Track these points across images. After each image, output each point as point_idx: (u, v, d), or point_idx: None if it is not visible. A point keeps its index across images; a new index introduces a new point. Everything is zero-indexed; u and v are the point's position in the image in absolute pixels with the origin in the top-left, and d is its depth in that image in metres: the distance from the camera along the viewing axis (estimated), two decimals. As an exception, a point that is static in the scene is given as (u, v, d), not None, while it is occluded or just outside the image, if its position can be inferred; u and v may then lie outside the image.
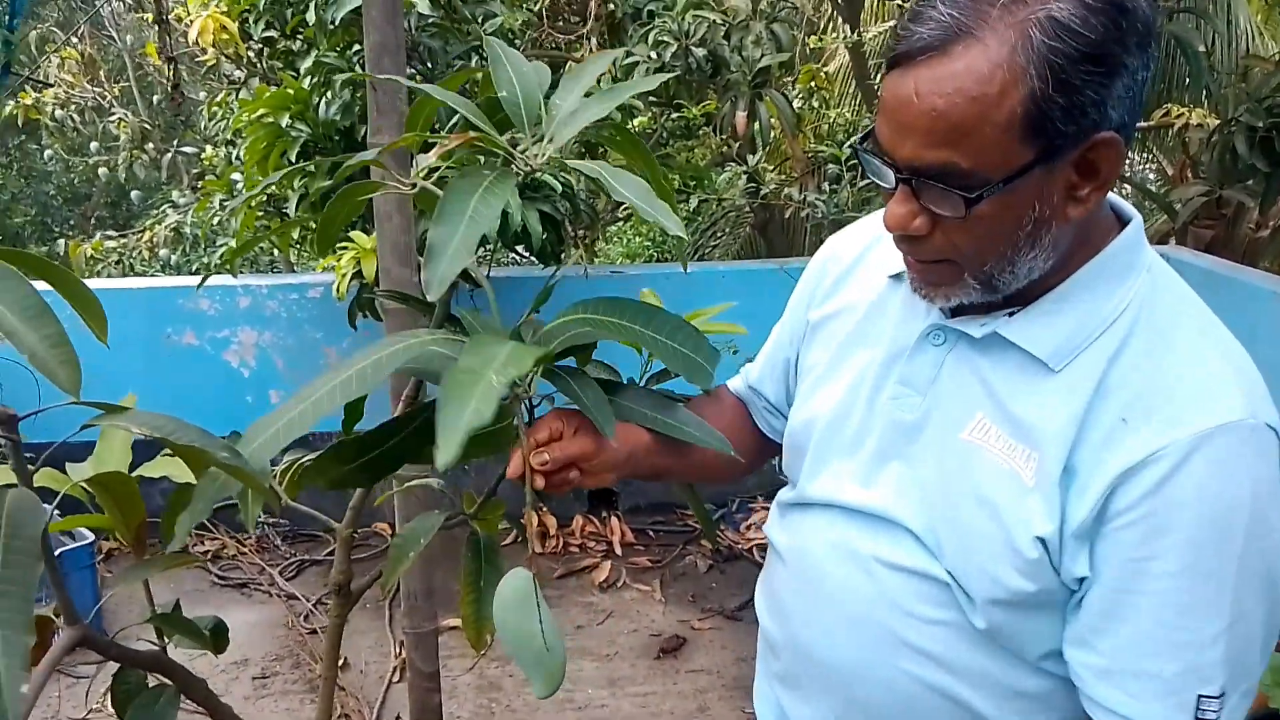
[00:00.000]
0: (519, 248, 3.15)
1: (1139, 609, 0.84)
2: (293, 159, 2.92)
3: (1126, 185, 6.14)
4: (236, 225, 3.51)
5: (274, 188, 3.23)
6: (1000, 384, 0.91)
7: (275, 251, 3.99)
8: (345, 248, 2.81)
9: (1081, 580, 0.86)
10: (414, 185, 0.99)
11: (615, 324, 1.12)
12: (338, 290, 2.83)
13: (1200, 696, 0.83)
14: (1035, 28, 0.76)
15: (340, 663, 3.06)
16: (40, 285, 0.76)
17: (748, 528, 3.92)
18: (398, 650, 3.06)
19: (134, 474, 1.80)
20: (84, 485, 1.03)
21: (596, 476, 1.01)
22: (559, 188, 2.73)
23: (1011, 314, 0.90)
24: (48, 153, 7.17)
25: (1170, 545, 0.82)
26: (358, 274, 2.79)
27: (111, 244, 5.75)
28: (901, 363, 0.98)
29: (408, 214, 1.96)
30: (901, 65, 0.81)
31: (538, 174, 1.02)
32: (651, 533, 3.94)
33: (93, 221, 9.87)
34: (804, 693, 1.07)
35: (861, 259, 1.09)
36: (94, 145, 6.84)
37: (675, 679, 2.97)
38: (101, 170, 6.50)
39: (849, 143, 0.76)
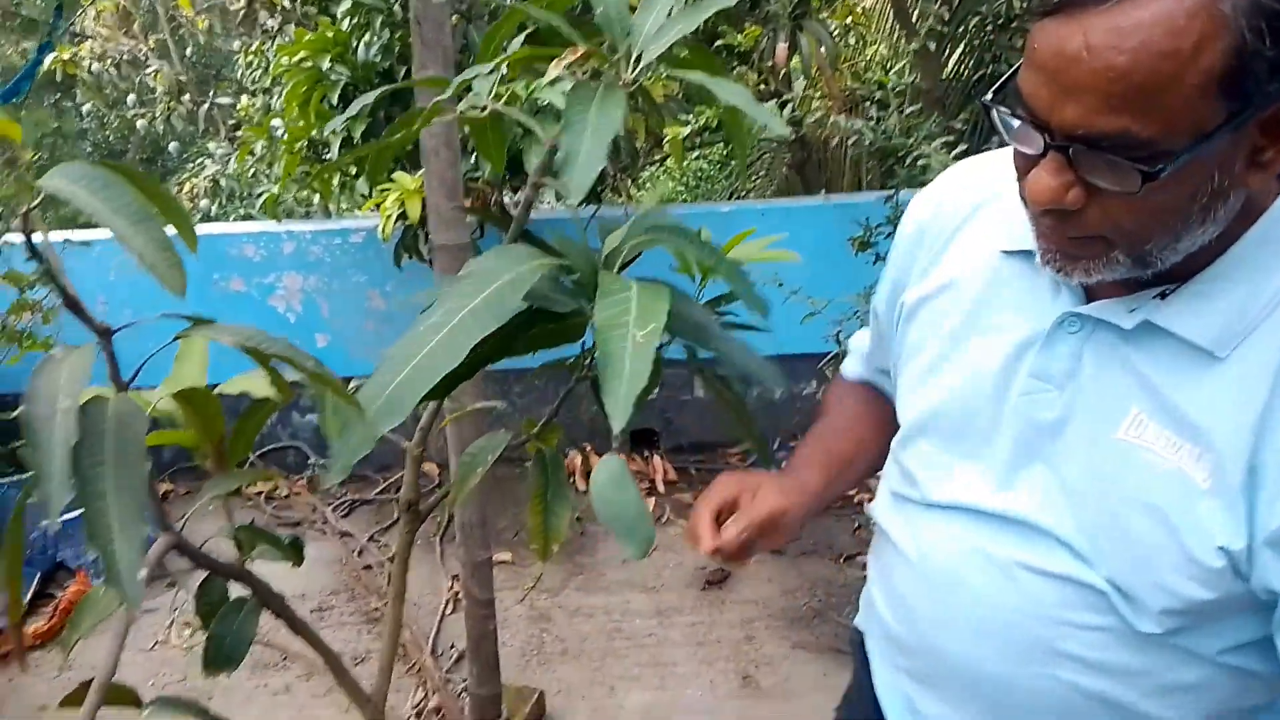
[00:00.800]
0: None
1: None
2: (334, 102, 2.93)
3: None
4: (278, 171, 3.54)
5: (315, 132, 3.26)
6: (1157, 375, 0.80)
7: (315, 200, 4.02)
8: (389, 189, 2.83)
9: (1276, 593, 0.77)
10: (484, 109, 1.01)
11: (679, 240, 1.17)
12: (383, 231, 2.86)
13: None
14: None
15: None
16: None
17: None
18: (450, 584, 3.14)
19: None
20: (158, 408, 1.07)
21: (783, 536, 1.03)
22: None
23: (1163, 294, 0.79)
24: (85, 107, 7.23)
25: None
26: (402, 215, 2.81)
27: (155, 195, 5.81)
28: (1032, 354, 0.87)
29: (454, 149, 1.97)
30: (1065, 11, 0.68)
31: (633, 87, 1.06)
32: (694, 470, 3.98)
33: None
34: (941, 693, 1.00)
35: (963, 227, 0.97)
36: (131, 98, 6.91)
37: (722, 609, 3.02)
38: (140, 123, 6.55)
39: (982, 98, 0.70)
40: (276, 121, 3.77)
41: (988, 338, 0.91)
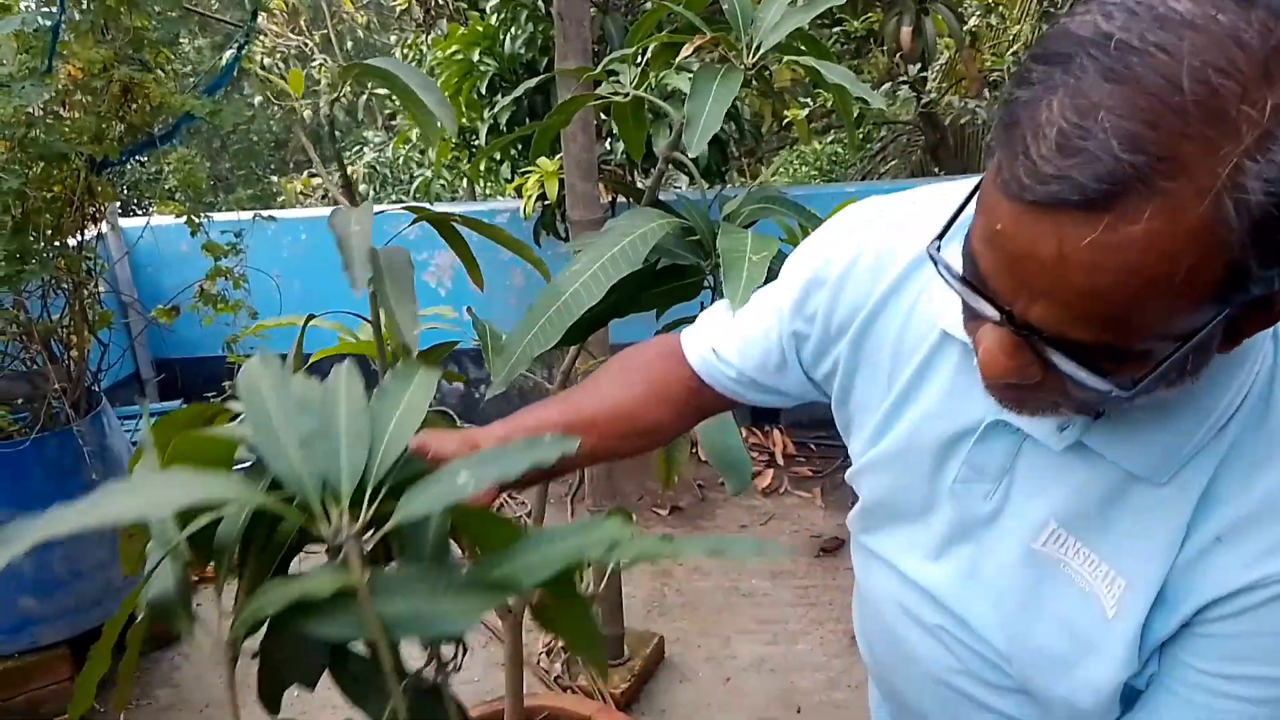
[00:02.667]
0: (687, 169, 3.34)
1: None
2: (482, 91, 3.18)
3: None
4: (431, 157, 3.84)
5: (464, 120, 3.53)
6: (1084, 493, 0.75)
7: (462, 184, 4.32)
8: (530, 171, 3.07)
9: (1151, 676, 0.76)
10: (627, 95, 1.22)
11: (787, 210, 1.38)
12: (524, 211, 3.11)
13: None
14: (1250, 168, 0.51)
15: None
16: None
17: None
18: (579, 540, 3.37)
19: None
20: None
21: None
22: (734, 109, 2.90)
23: (1097, 415, 0.73)
24: (256, 99, 7.84)
25: (1251, 674, 0.70)
26: (541, 196, 3.05)
27: (317, 180, 6.29)
28: (969, 445, 0.81)
29: (590, 134, 2.18)
30: (1035, 208, 0.56)
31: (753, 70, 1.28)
32: (813, 445, 4.10)
33: (291, 165, 10.70)
34: None
35: (902, 285, 0.85)
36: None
37: (834, 575, 3.15)
38: (306, 113, 7.07)
39: (926, 249, 0.71)
40: (430, 110, 4.08)
41: (925, 414, 0.84)
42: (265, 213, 2.98)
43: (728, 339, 1.01)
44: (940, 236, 0.68)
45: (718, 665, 2.72)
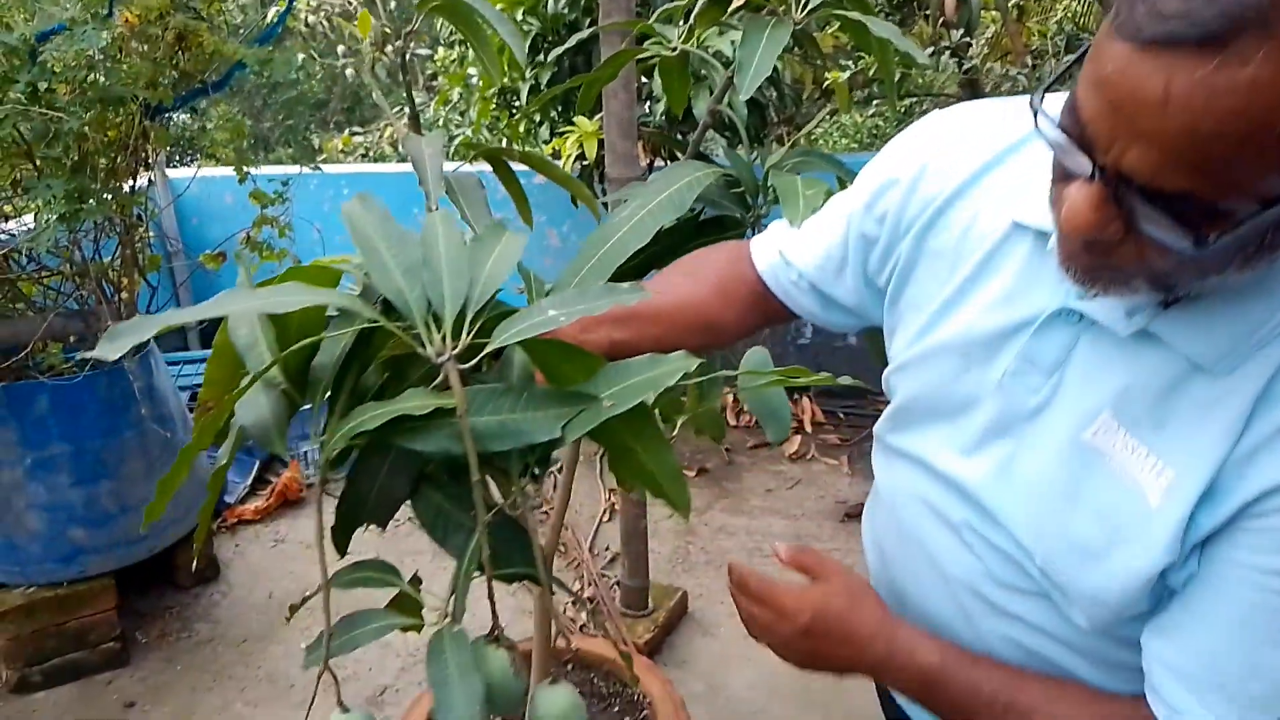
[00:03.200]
0: (726, 133, 3.35)
1: (1242, 621, 0.73)
2: (524, 51, 3.21)
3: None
4: (472, 116, 3.88)
5: (506, 79, 3.57)
6: (1142, 383, 0.75)
7: (502, 143, 4.35)
8: (568, 132, 3.10)
9: (1189, 576, 0.75)
10: (675, 49, 1.26)
11: (827, 165, 1.43)
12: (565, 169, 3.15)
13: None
14: None
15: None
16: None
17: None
18: (608, 497, 3.44)
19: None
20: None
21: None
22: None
23: (1165, 304, 0.74)
24: (300, 57, 7.91)
25: None
26: (580, 156, 3.08)
27: (358, 139, 6.35)
28: (1026, 336, 0.82)
29: (631, 92, 2.20)
30: (1148, 47, 0.57)
31: (801, 26, 1.32)
32: (841, 414, 4.13)
33: (331, 125, 10.80)
34: None
35: (980, 178, 0.88)
36: (340, 49, 7.50)
37: (857, 540, 3.18)
38: (349, 71, 7.12)
39: (1029, 101, 0.75)
40: (472, 70, 4.11)
41: (984, 307, 0.86)
42: (309, 166, 3.05)
43: (795, 242, 1.06)
44: (1044, 92, 0.69)
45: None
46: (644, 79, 3.13)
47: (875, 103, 6.35)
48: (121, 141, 2.02)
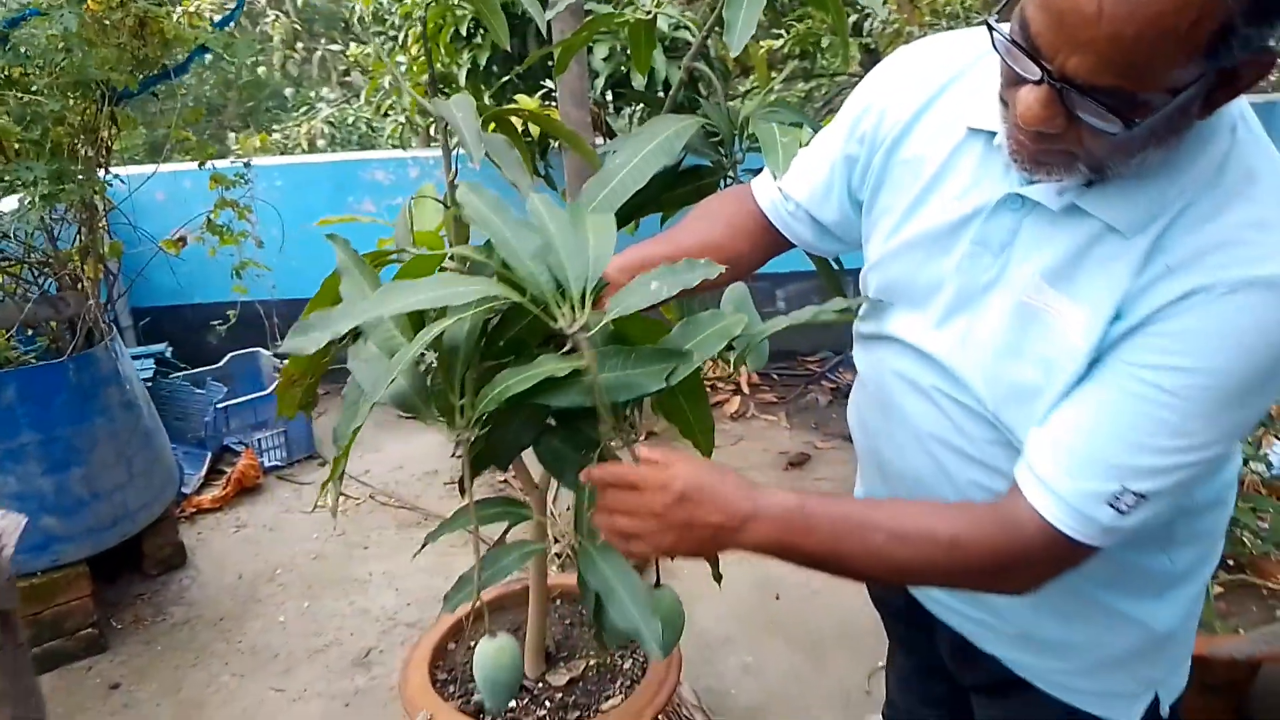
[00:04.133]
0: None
1: (1115, 405, 0.89)
2: (461, 34, 3.31)
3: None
4: (406, 103, 3.96)
5: (440, 65, 3.66)
6: (1067, 248, 0.93)
7: (432, 130, 4.43)
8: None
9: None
10: (650, 13, 1.40)
11: (791, 114, 1.60)
12: (507, 147, 3.26)
13: (1125, 489, 0.89)
14: None
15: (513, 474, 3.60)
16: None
17: (865, 370, 4.28)
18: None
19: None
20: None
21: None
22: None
23: (1090, 184, 0.91)
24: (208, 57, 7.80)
25: (1175, 366, 0.85)
26: (525, 132, 3.19)
27: (277, 136, 6.32)
28: (978, 223, 0.99)
29: (583, 63, 2.34)
30: None
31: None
32: (775, 376, 4.34)
33: (228, 127, 10.57)
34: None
35: (938, 97, 1.06)
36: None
37: (803, 484, 3.40)
38: (260, 69, 7.05)
39: (983, 20, 0.88)
40: (400, 59, 4.18)
41: (944, 203, 1.03)
42: (248, 159, 3.09)
43: (790, 178, 1.24)
44: (996, 14, 0.86)
45: (701, 563, 2.94)
46: (588, 50, 3.26)
47: (813, 82, 6.58)
48: (91, 125, 2.06)
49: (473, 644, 2.05)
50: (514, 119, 1.45)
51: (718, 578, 1.56)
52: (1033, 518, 0.94)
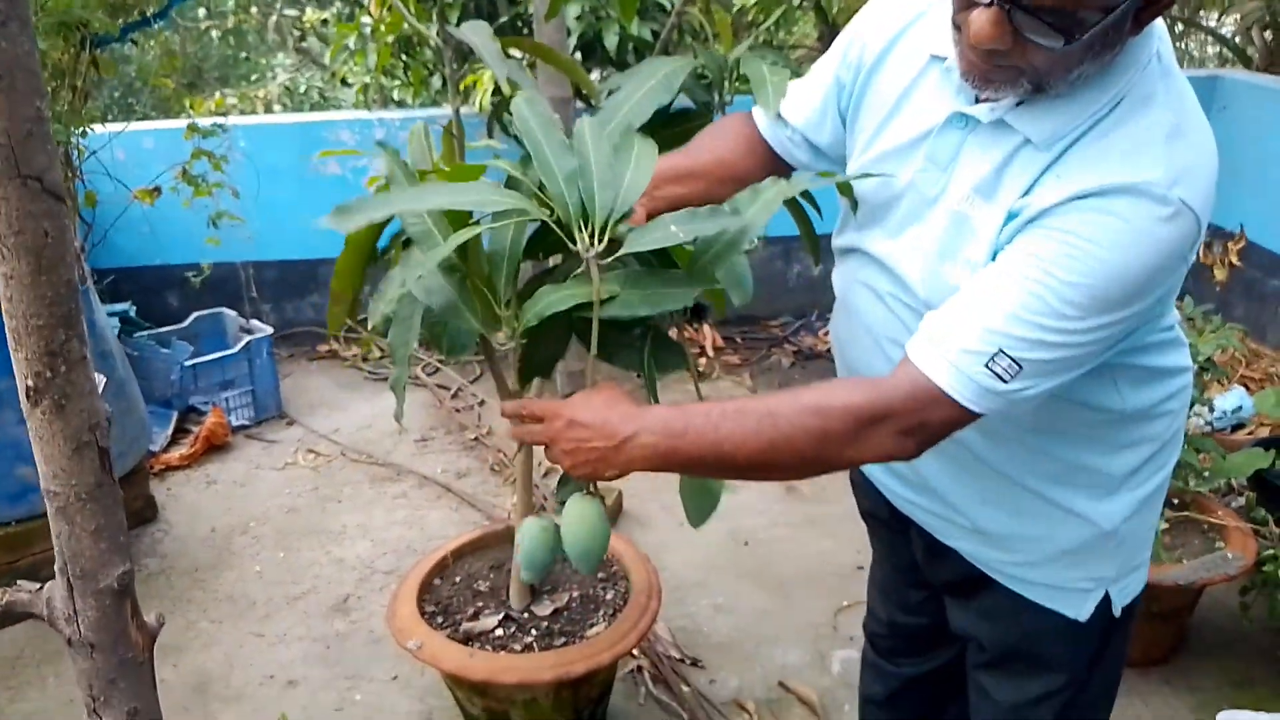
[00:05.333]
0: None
1: (1001, 283, 1.00)
2: (432, -8, 3.32)
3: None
4: (372, 63, 3.96)
5: (406, 27, 3.66)
6: (992, 159, 1.05)
7: (393, 94, 4.43)
8: (483, 67, 3.24)
9: None
10: None
11: (776, 55, 1.67)
12: (480, 104, 3.29)
13: (1002, 351, 0.99)
14: None
15: (488, 431, 3.65)
16: None
17: (824, 333, 4.39)
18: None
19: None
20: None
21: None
22: (669, 7, 3.13)
23: (1020, 103, 1.03)
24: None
25: (1057, 256, 0.97)
26: (496, 90, 3.23)
27: (232, 101, 6.24)
28: (929, 141, 1.12)
29: (562, 20, 2.39)
30: None
31: None
32: (739, 339, 4.43)
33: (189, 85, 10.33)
34: None
35: (908, 28, 1.18)
36: (201, 12, 7.28)
37: (767, 441, 3.49)
38: (214, 33, 6.94)
39: None
40: (365, 20, 4.17)
41: (904, 125, 1.16)
42: (224, 113, 3.08)
43: (789, 104, 1.36)
44: None
45: (671, 514, 3.03)
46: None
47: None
48: (73, 68, 2.06)
49: (458, 579, 2.12)
50: (514, 51, 1.49)
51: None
52: (910, 373, 1.03)
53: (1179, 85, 1.02)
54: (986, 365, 0.99)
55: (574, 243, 1.08)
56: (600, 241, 1.08)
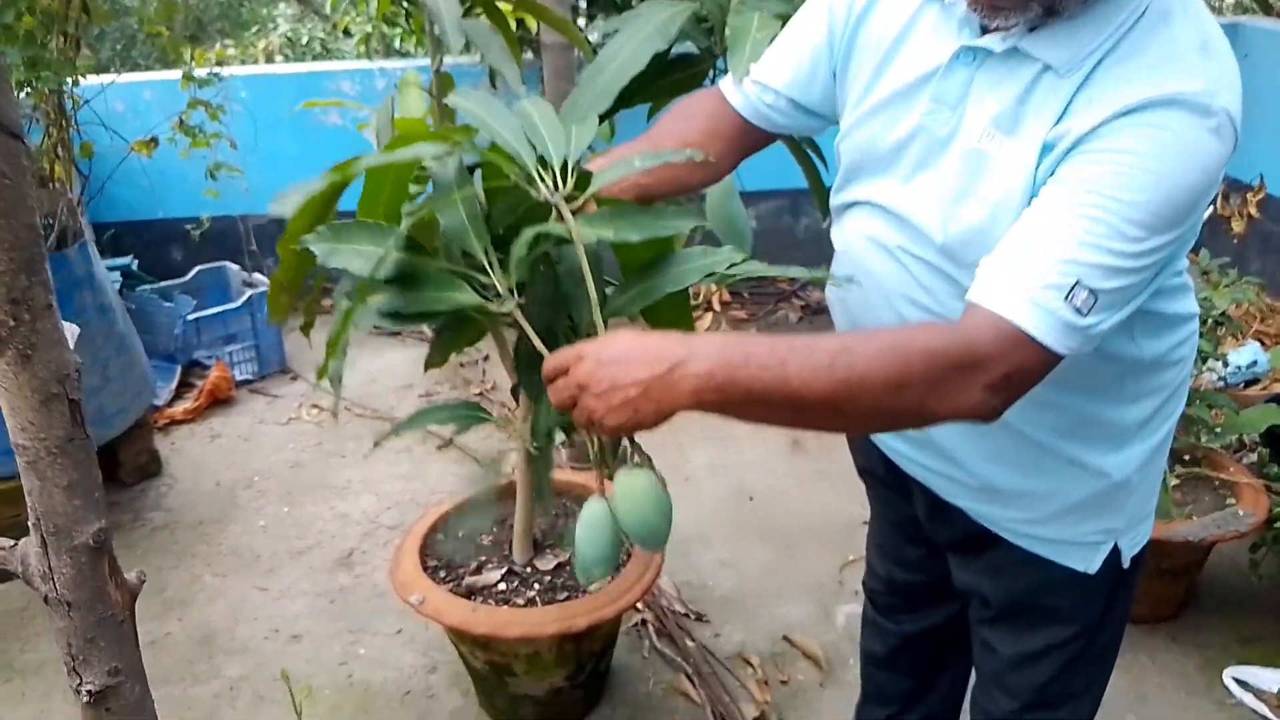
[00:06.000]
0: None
1: (1060, 216, 0.94)
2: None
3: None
4: (373, 10, 3.88)
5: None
6: (1015, 95, 1.00)
7: (395, 43, 4.36)
8: (485, 16, 3.18)
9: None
10: None
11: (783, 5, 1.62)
12: (482, 54, 3.21)
13: (1080, 283, 0.92)
14: None
15: (492, 386, 3.63)
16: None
17: (833, 288, 4.34)
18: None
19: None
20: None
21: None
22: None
23: (1033, 29, 0.99)
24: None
25: (1112, 175, 0.92)
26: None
27: (232, 52, 6.15)
28: (935, 81, 1.07)
29: (565, -41, 2.32)
30: None
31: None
32: (746, 294, 4.38)
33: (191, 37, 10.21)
34: None
35: None
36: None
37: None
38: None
39: None
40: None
41: (903, 66, 1.11)
42: (216, 70, 3.01)
43: (767, 67, 1.27)
44: None
45: (676, 469, 3.02)
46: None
47: None
48: (64, 14, 2.01)
49: (460, 534, 2.11)
50: (502, 3, 1.44)
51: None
52: (987, 318, 0.94)
53: (1196, 6, 0.98)
54: (1066, 299, 0.92)
55: (537, 193, 1.04)
56: (564, 185, 1.04)
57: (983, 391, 0.94)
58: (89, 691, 1.03)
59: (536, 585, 1.91)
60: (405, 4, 4.00)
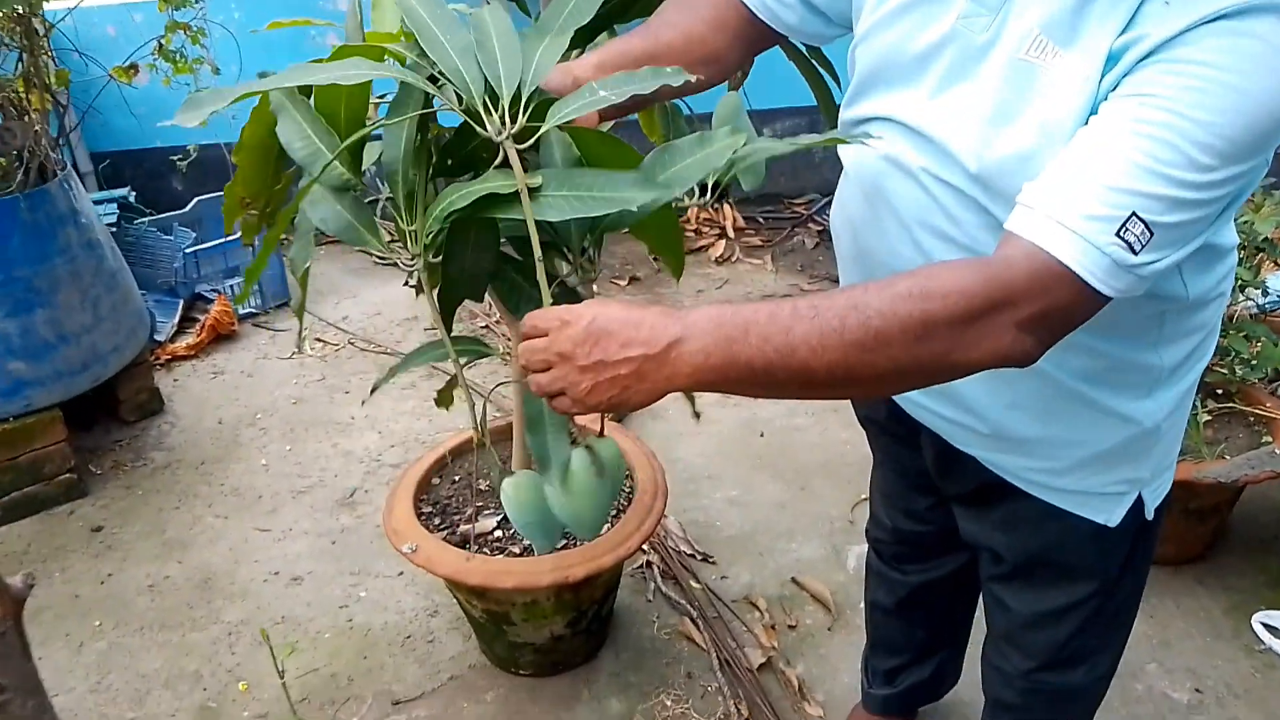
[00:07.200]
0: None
1: (1122, 136, 0.81)
2: None
3: None
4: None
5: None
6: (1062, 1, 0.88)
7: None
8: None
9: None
10: None
11: None
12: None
13: (1135, 215, 0.80)
14: None
15: (498, 318, 3.54)
16: None
17: (852, 212, 4.19)
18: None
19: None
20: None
21: None
22: None
23: None
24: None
25: (1187, 89, 0.79)
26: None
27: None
28: None
29: None
30: None
31: None
32: (761, 219, 4.24)
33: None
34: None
35: None
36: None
37: (788, 326, 3.35)
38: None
39: None
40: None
41: None
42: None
43: None
44: None
45: (685, 406, 2.92)
46: None
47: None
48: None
49: (456, 479, 2.04)
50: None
51: (696, 415, 1.52)
52: (1024, 249, 0.83)
53: None
54: (1118, 234, 0.80)
55: (483, 128, 0.91)
56: (515, 122, 0.91)
57: (1014, 330, 0.83)
58: (-32, 714, 0.91)
59: (533, 532, 1.84)
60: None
